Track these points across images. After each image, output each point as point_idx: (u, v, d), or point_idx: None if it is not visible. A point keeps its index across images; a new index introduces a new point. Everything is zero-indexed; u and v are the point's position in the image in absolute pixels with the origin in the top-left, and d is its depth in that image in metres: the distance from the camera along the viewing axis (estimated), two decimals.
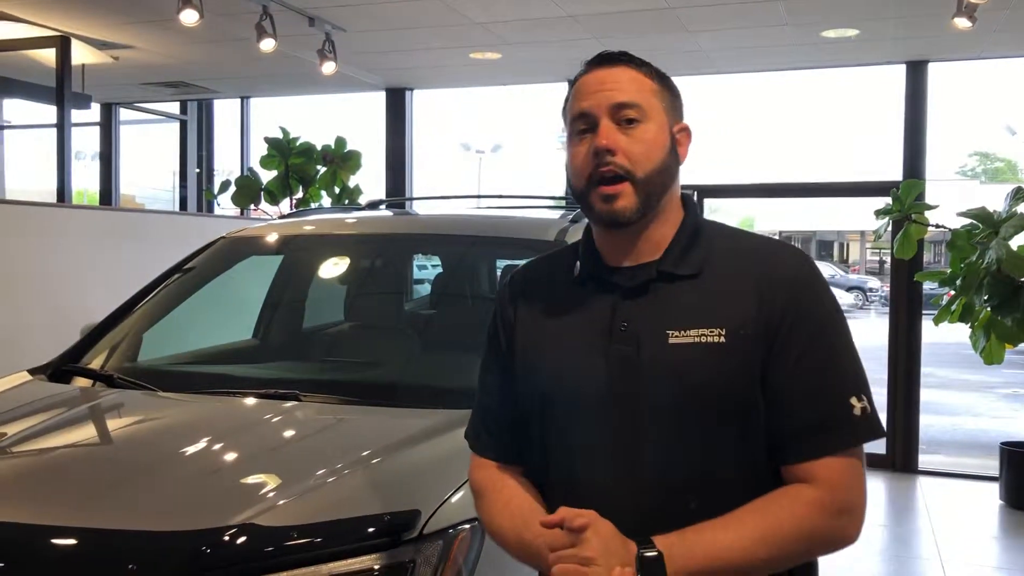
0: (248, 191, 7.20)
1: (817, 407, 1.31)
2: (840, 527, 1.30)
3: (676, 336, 1.32)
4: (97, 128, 9.04)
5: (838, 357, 1.34)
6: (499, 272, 3.44)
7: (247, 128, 8.84)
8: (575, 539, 1.23)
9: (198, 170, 9.15)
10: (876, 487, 6.12)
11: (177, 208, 9.27)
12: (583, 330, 1.40)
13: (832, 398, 1.32)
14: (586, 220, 1.49)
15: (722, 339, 1.31)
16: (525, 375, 1.45)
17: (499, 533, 1.44)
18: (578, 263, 1.46)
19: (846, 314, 1.40)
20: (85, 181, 11.59)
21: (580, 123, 1.38)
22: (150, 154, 10.63)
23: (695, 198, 7.00)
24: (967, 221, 5.20)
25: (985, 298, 5.02)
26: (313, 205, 6.99)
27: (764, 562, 1.27)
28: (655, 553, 1.23)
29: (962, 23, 5.06)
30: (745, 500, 1.29)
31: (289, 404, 2.34)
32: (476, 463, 1.53)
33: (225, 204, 7.74)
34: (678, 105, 1.44)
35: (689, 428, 1.32)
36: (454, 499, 1.83)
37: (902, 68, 6.59)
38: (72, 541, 1.75)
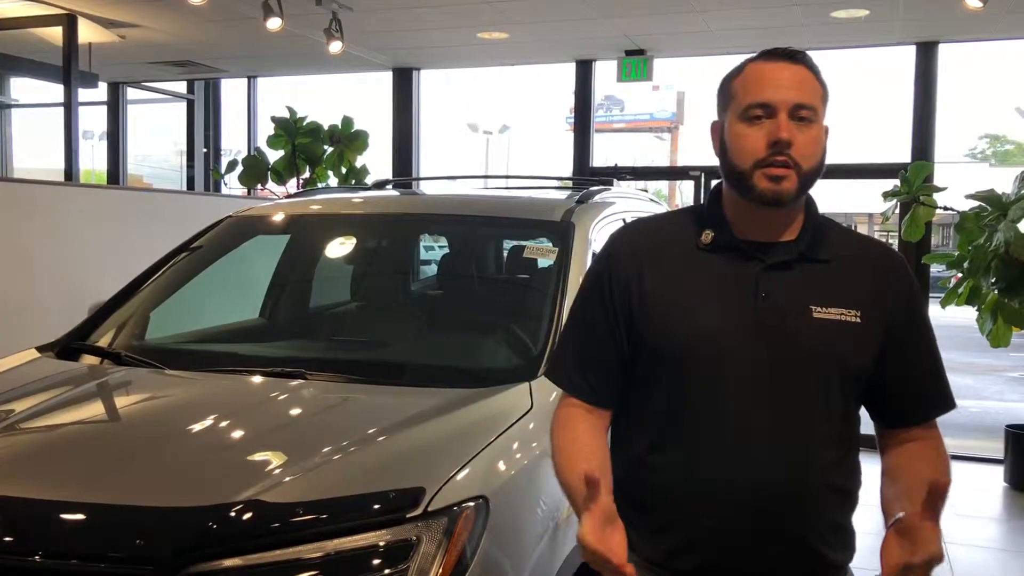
0: (255, 171, 7.20)
1: (938, 381, 1.62)
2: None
3: (819, 312, 1.50)
4: (104, 107, 9.04)
5: (935, 341, 1.64)
6: (506, 253, 3.44)
7: (254, 108, 8.83)
8: None
9: (205, 150, 9.16)
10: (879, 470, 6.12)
11: (184, 187, 9.28)
12: (727, 294, 1.52)
13: (940, 374, 1.63)
14: (594, 198, 1.59)
15: (858, 319, 1.51)
16: (657, 330, 1.54)
17: (555, 461, 1.55)
18: (708, 232, 1.56)
19: None
20: (93, 160, 11.62)
21: (758, 109, 1.49)
22: (157, 133, 10.64)
23: (703, 179, 6.94)
24: (975, 203, 5.17)
25: (992, 281, 5.00)
26: (320, 185, 7.00)
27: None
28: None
29: (973, 3, 5.02)
30: (846, 460, 1.54)
31: (295, 383, 2.36)
32: (562, 399, 1.63)
33: (232, 184, 7.75)
34: (827, 106, 1.57)
35: (820, 392, 1.50)
36: (459, 477, 1.84)
37: (912, 49, 6.55)
38: (80, 516, 1.77)
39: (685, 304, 1.53)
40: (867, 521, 1.65)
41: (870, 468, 1.60)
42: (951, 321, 7.60)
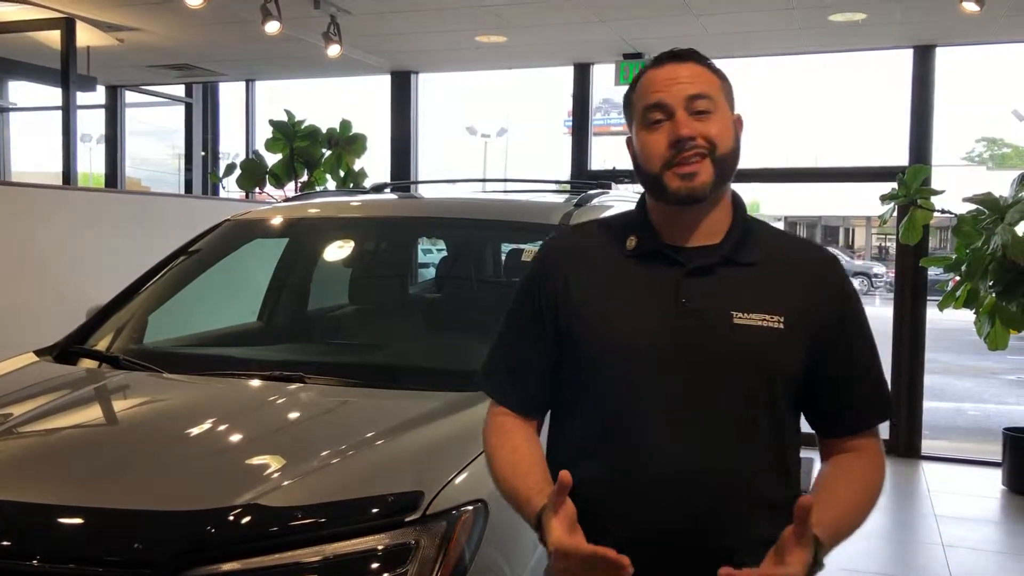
0: (253, 174, 7.20)
1: (876, 387, 1.56)
2: (881, 490, 1.53)
3: (740, 318, 1.46)
4: (102, 111, 9.03)
5: (874, 345, 1.57)
6: (503, 256, 3.44)
7: (252, 111, 8.83)
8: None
9: (203, 153, 9.15)
10: None
11: (182, 191, 9.27)
12: (648, 300, 1.50)
13: (878, 378, 1.56)
14: (589, 204, 1.58)
15: (781, 325, 1.46)
16: (581, 336, 1.52)
17: (494, 473, 1.54)
18: (633, 237, 1.56)
19: None
20: (91, 164, 11.59)
21: (655, 113, 1.49)
22: (155, 137, 10.63)
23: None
24: (973, 207, 5.18)
25: (990, 284, 5.01)
26: (318, 188, 6.99)
27: (860, 526, 1.47)
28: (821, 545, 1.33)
29: (970, 7, 5.03)
30: (775, 469, 1.49)
31: (294, 386, 2.35)
32: (494, 409, 1.61)
33: (230, 187, 7.74)
34: (733, 97, 1.58)
35: (739, 397, 1.46)
36: (458, 480, 1.84)
37: (909, 53, 6.56)
38: (78, 520, 1.77)
39: (606, 310, 1.51)
40: (869, 524, 1.65)
41: None
42: (949, 324, 7.63)
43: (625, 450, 1.45)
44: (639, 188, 1.60)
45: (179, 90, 9.14)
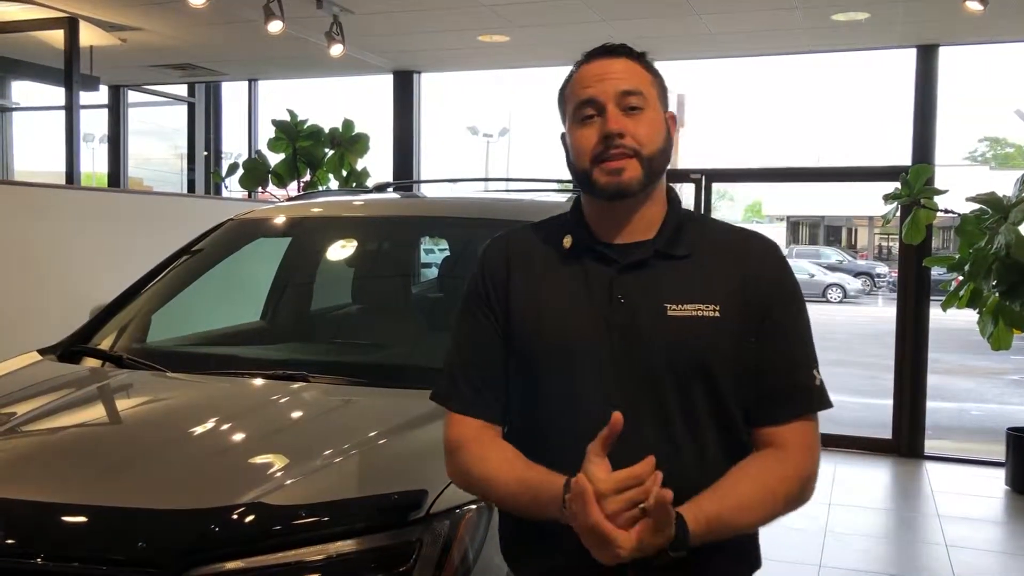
0: (256, 174, 7.21)
1: (791, 377, 1.49)
2: (807, 491, 1.47)
3: (674, 309, 1.46)
4: (105, 110, 9.04)
5: (805, 334, 1.53)
6: None
7: (255, 111, 8.83)
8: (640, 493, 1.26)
9: (206, 152, 9.16)
10: (882, 472, 6.13)
11: (185, 190, 9.28)
12: (583, 299, 1.49)
13: (800, 369, 1.50)
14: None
15: (716, 314, 1.45)
16: (522, 337, 1.52)
17: (488, 476, 1.46)
18: (568, 237, 1.55)
19: (853, 300, 1.50)
20: (94, 163, 11.60)
21: (587, 109, 1.49)
22: (158, 136, 10.64)
23: (704, 182, 6.95)
24: (976, 206, 5.18)
25: (993, 284, 5.00)
26: (320, 188, 7.00)
27: (756, 524, 1.45)
28: (682, 521, 1.30)
29: (973, 7, 5.02)
30: (721, 459, 1.44)
31: (297, 385, 2.36)
32: (454, 420, 1.54)
33: (233, 187, 7.75)
34: (666, 95, 1.57)
35: (680, 393, 1.45)
36: None
37: (912, 52, 6.55)
38: (82, 519, 1.77)
39: (543, 310, 1.50)
40: (872, 525, 1.65)
41: (867, 473, 1.58)
42: (952, 324, 7.62)
43: (568, 451, 1.37)
44: None
45: (182, 90, 9.15)
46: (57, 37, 6.39)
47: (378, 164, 7.82)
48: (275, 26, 5.57)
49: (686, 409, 1.45)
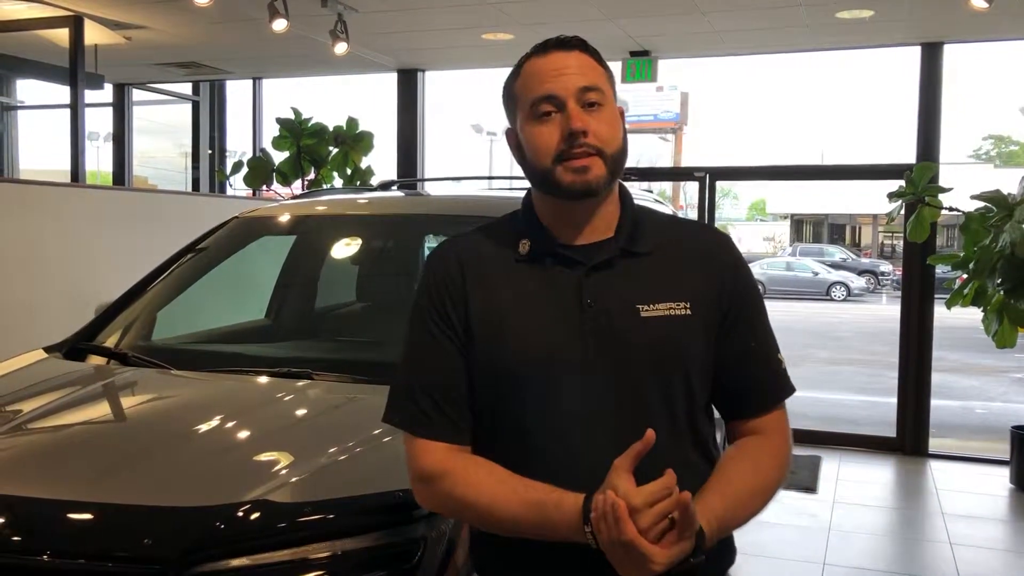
0: (260, 172, 7.21)
1: (767, 367, 1.50)
2: (787, 473, 1.48)
3: (647, 310, 1.41)
4: (110, 108, 9.05)
5: (766, 321, 1.53)
6: None
7: (259, 109, 8.84)
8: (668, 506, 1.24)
9: (210, 151, 9.17)
10: (886, 470, 6.13)
11: (189, 189, 9.29)
12: (550, 305, 1.43)
13: (773, 359, 1.52)
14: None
15: (688, 311, 1.43)
16: (487, 351, 1.43)
17: (485, 503, 1.36)
18: (525, 241, 1.48)
19: (857, 298, 1.51)
20: (99, 162, 11.61)
21: (545, 105, 1.42)
22: (162, 134, 10.65)
23: (707, 180, 6.93)
24: (981, 204, 5.17)
25: (998, 282, 4.99)
26: (325, 186, 7.00)
27: (755, 515, 1.42)
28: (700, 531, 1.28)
29: (978, 4, 5.01)
30: (695, 457, 1.45)
31: (302, 383, 2.36)
32: (425, 447, 1.42)
33: (237, 185, 7.76)
34: (615, 88, 1.52)
35: (658, 393, 1.41)
36: None
37: (917, 50, 6.54)
38: (88, 516, 1.78)
39: (510, 321, 1.42)
40: (876, 523, 1.65)
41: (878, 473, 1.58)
42: (956, 322, 7.61)
43: (554, 465, 1.35)
44: (645, 185, 1.59)
45: (186, 88, 9.16)
46: (62, 35, 6.40)
47: (382, 162, 7.82)
48: (280, 24, 5.57)
49: (669, 411, 1.42)
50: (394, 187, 4.24)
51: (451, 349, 1.45)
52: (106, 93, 8.68)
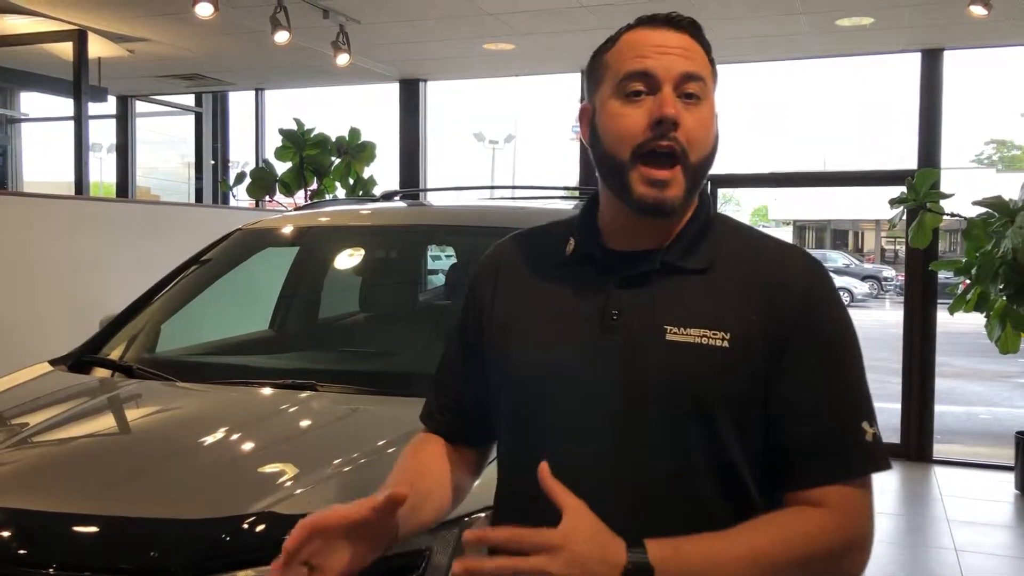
0: (263, 183, 7.23)
1: (828, 426, 1.19)
2: (851, 563, 1.17)
3: (674, 333, 1.19)
4: (113, 120, 9.09)
5: (850, 376, 1.22)
6: None
7: (262, 120, 8.87)
8: (533, 543, 1.03)
9: (213, 162, 9.20)
10: (890, 476, 6.11)
11: (193, 200, 9.32)
12: (571, 316, 1.26)
13: (845, 418, 1.20)
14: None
15: (725, 343, 1.18)
16: (492, 359, 1.33)
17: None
18: (572, 240, 1.32)
19: (860, 303, 1.32)
20: (102, 173, 11.65)
21: (637, 82, 1.22)
22: (166, 146, 10.69)
23: (708, 187, 6.95)
24: (983, 210, 5.17)
25: (1001, 287, 5.00)
26: (328, 196, 7.02)
27: None
28: (646, 568, 1.06)
29: (978, 11, 5.03)
30: (724, 515, 1.17)
31: (306, 394, 2.37)
32: (420, 436, 1.44)
33: (240, 196, 7.79)
34: (716, 88, 1.32)
35: (676, 432, 1.19)
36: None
37: (917, 56, 6.55)
38: (93, 528, 1.78)
39: (522, 328, 1.29)
40: (881, 530, 1.64)
41: None
42: (960, 327, 7.61)
43: (542, 497, 1.09)
44: None
45: (189, 100, 9.20)
46: (66, 49, 6.44)
47: (385, 172, 7.85)
48: (282, 36, 5.60)
49: (685, 450, 1.19)
50: (396, 197, 4.26)
51: (462, 352, 1.41)
52: (110, 105, 8.72)
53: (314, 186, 7.20)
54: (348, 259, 3.37)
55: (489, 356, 1.34)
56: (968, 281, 5.34)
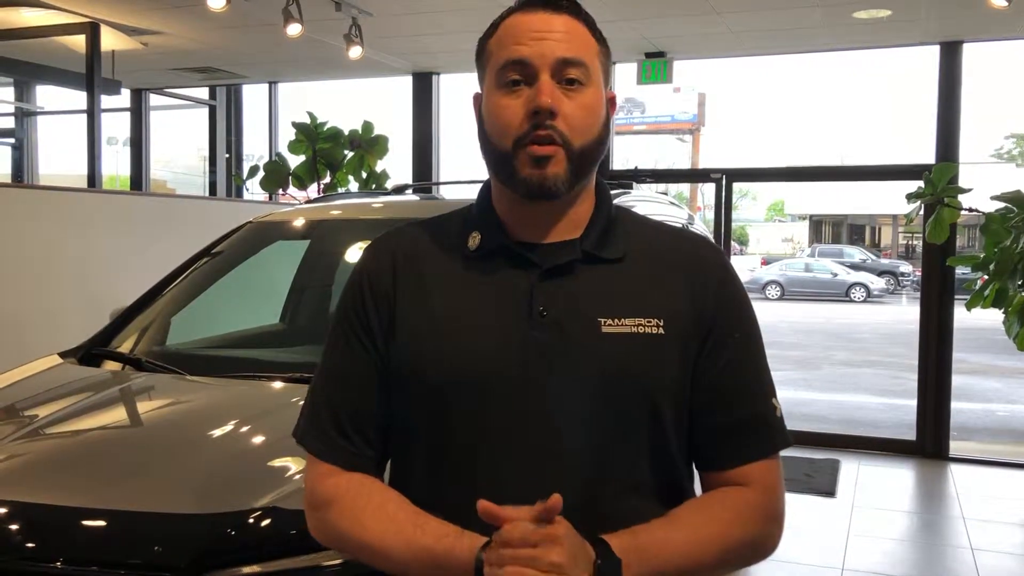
0: (276, 176, 7.23)
1: (751, 408, 1.24)
2: (772, 534, 1.25)
3: (609, 325, 1.19)
4: (127, 114, 9.12)
5: (761, 358, 1.28)
6: None
7: (275, 113, 8.88)
8: (539, 536, 1.03)
9: (227, 155, 9.21)
10: (906, 474, 6.07)
11: (206, 193, 9.34)
12: (492, 312, 1.21)
13: (762, 399, 1.26)
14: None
15: (660, 330, 1.19)
16: (410, 363, 1.22)
17: (370, 543, 1.17)
18: (475, 234, 1.26)
19: (876, 299, 1.35)
20: (117, 166, 11.69)
21: (514, 72, 1.19)
22: (180, 139, 10.72)
23: (724, 182, 6.89)
24: (1001, 205, 5.11)
25: (1019, 283, 4.94)
26: (340, 190, 7.02)
27: (710, 568, 1.18)
28: (614, 560, 1.09)
29: (997, 2, 4.96)
30: (659, 503, 1.20)
31: None
32: (321, 471, 1.24)
33: (254, 189, 7.79)
34: (609, 70, 1.29)
35: (615, 423, 1.19)
36: None
37: (935, 49, 6.48)
38: (100, 522, 1.78)
39: (439, 329, 1.21)
40: (896, 528, 1.61)
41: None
42: (977, 324, 7.55)
43: (473, 499, 1.07)
44: (660, 188, 1.49)
45: (203, 93, 9.21)
46: (79, 42, 6.46)
47: (397, 166, 7.84)
48: (294, 29, 5.59)
49: (626, 455, 1.19)
50: (409, 191, 4.24)
51: (364, 362, 1.25)
52: (124, 98, 8.74)
53: (327, 179, 7.19)
54: (359, 253, 3.35)
55: (398, 369, 1.23)
56: (986, 277, 5.28)
